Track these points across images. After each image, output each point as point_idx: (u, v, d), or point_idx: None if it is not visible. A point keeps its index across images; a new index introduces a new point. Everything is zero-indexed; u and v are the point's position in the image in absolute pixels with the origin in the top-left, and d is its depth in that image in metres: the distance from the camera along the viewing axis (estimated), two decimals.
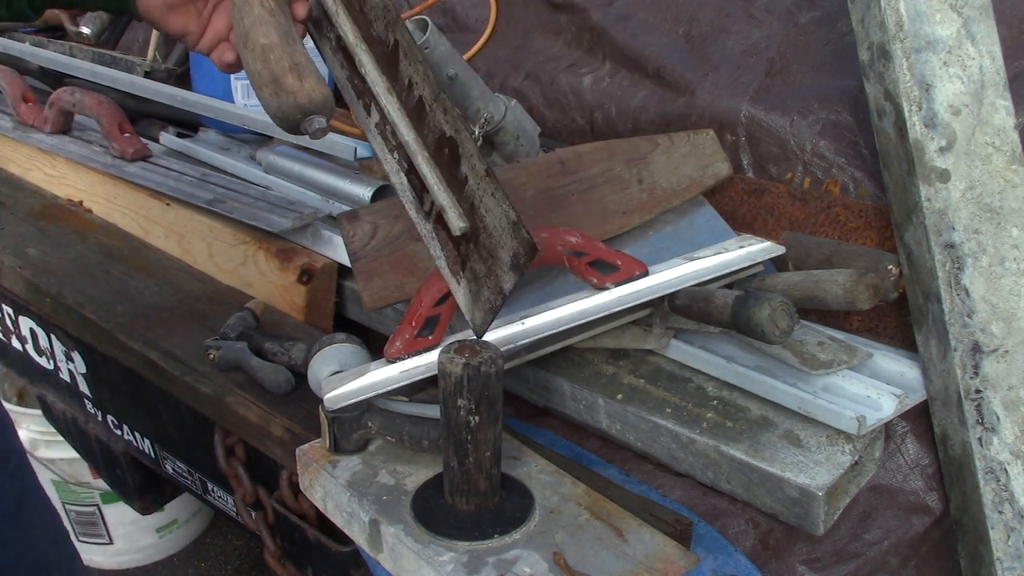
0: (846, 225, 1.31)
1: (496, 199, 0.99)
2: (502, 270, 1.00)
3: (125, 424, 1.71)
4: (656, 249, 1.37)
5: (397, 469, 1.07)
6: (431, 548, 0.94)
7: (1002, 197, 1.11)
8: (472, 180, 1.01)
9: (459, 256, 1.06)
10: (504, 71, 1.81)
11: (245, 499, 1.42)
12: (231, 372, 1.33)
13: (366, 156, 1.62)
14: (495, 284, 1.01)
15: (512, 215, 0.97)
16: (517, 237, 0.97)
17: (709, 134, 1.45)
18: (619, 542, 0.96)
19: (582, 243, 1.17)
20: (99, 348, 1.55)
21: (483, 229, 1.01)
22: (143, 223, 1.76)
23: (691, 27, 1.61)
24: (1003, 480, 1.09)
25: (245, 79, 1.92)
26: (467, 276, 1.06)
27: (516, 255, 0.98)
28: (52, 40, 2.31)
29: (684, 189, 1.43)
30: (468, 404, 0.91)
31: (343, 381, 1.08)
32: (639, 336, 1.26)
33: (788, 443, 1.11)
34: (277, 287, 1.53)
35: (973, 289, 1.10)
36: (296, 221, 1.54)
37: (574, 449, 1.26)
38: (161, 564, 2.62)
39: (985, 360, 1.09)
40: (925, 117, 1.11)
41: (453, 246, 1.06)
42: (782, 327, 1.06)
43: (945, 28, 1.11)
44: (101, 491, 2.39)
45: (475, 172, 1.01)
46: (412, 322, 1.09)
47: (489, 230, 1.00)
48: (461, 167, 1.02)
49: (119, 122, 1.86)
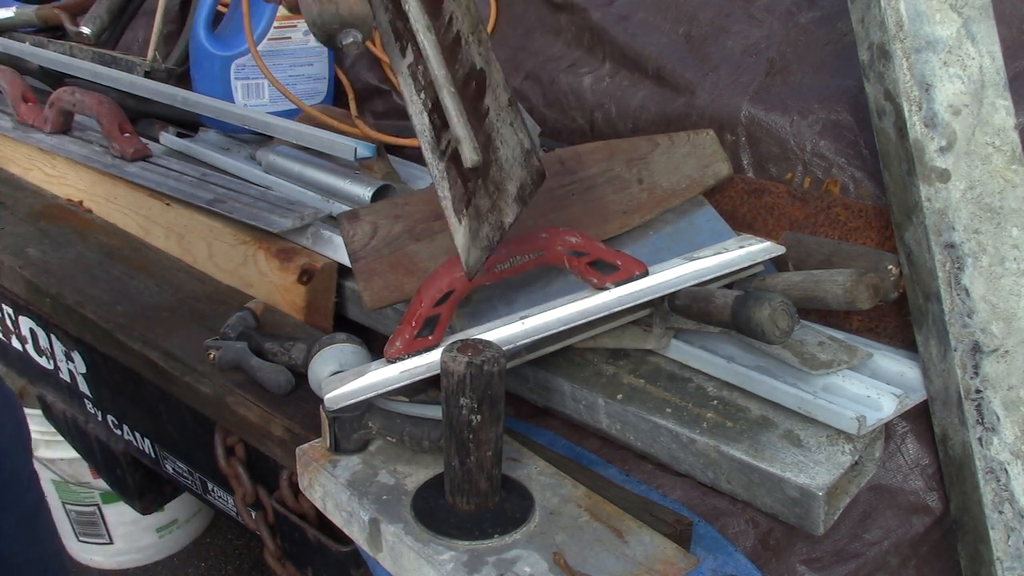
0: (846, 225, 1.31)
1: (513, 128, 0.98)
2: (506, 202, 0.99)
3: (125, 424, 1.71)
4: (656, 249, 1.37)
5: (397, 469, 1.07)
6: (431, 547, 0.94)
7: (1002, 197, 1.11)
8: (493, 111, 1.00)
9: (465, 193, 1.05)
10: (504, 71, 1.81)
11: (245, 499, 1.42)
12: (231, 372, 1.33)
13: (366, 156, 1.62)
14: (496, 219, 1.00)
15: (526, 143, 0.96)
16: (527, 167, 0.96)
17: (709, 134, 1.45)
18: (619, 543, 0.96)
19: (582, 243, 1.17)
20: (99, 348, 1.55)
21: (495, 162, 1.00)
22: (143, 223, 1.76)
23: (691, 27, 1.61)
24: (1003, 480, 1.09)
25: (245, 79, 1.93)
26: (470, 214, 1.05)
27: (523, 186, 0.96)
28: (52, 40, 2.31)
29: (684, 189, 1.43)
30: (470, 403, 0.91)
31: (343, 381, 1.08)
32: (639, 336, 1.26)
33: (788, 443, 1.11)
34: (277, 287, 1.53)
35: (973, 289, 1.10)
36: (296, 221, 1.54)
37: (574, 449, 1.26)
38: (161, 564, 2.62)
39: (985, 360, 1.09)
40: (925, 117, 1.11)
41: (462, 183, 1.06)
42: (782, 327, 1.06)
43: (945, 28, 1.11)
44: (101, 491, 2.39)
45: (497, 102, 1.00)
46: (412, 322, 1.09)
47: (500, 162, 1.00)
48: (485, 99, 1.01)
49: (119, 122, 1.86)
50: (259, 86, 1.93)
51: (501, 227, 1.00)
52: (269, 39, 1.90)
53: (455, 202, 1.07)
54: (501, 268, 1.13)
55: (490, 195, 1.01)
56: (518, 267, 1.14)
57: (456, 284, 1.10)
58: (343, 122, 1.75)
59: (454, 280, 1.10)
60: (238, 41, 1.90)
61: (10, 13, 2.40)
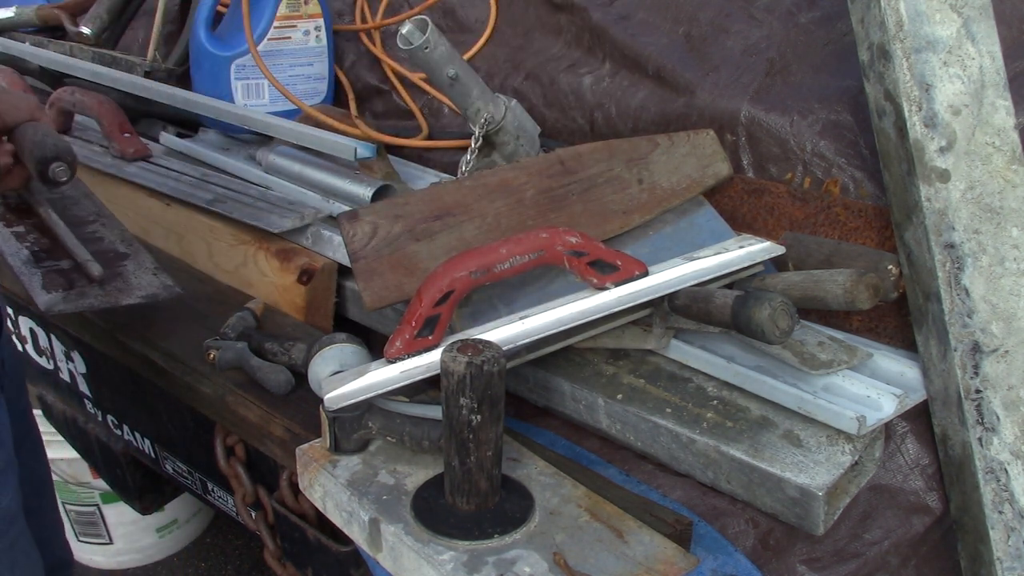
0: (846, 225, 1.31)
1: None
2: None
3: (125, 424, 1.71)
4: (656, 249, 1.37)
5: (397, 469, 1.07)
6: (431, 547, 0.94)
7: (1002, 197, 1.11)
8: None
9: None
10: (504, 71, 1.81)
11: (245, 499, 1.42)
12: (231, 372, 1.33)
13: (366, 156, 1.62)
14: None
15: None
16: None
17: (709, 134, 1.45)
18: (619, 543, 0.96)
19: (582, 243, 1.17)
20: (99, 348, 1.55)
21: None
22: (143, 223, 1.76)
23: (691, 27, 1.61)
24: (1003, 480, 1.09)
25: (245, 79, 1.92)
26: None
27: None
28: (52, 40, 2.31)
29: (684, 189, 1.43)
30: (470, 403, 0.91)
31: (343, 381, 1.08)
32: (639, 336, 1.26)
33: (788, 443, 1.11)
34: (277, 287, 1.53)
35: (973, 289, 1.10)
36: (296, 221, 1.54)
37: (574, 449, 1.26)
38: (161, 564, 2.62)
39: (985, 360, 1.09)
40: (925, 117, 1.11)
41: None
42: (782, 327, 1.06)
43: (945, 28, 1.11)
44: (101, 491, 2.39)
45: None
46: (412, 322, 1.09)
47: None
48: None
49: (119, 122, 1.86)
50: (259, 86, 1.93)
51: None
52: (269, 39, 1.90)
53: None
54: (501, 268, 1.13)
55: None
56: (518, 267, 1.14)
57: (456, 284, 1.10)
58: (343, 122, 1.75)
59: (454, 280, 1.10)
60: (238, 41, 1.90)
61: (10, 13, 2.40)
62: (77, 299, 1.34)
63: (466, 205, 1.33)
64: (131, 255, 1.48)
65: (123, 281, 1.41)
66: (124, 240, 1.51)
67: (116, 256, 1.46)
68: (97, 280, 1.38)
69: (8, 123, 1.33)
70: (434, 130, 1.88)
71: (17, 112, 1.33)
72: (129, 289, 1.40)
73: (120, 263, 1.45)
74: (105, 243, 1.49)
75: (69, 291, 1.35)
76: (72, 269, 1.40)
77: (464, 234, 1.31)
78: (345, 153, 1.63)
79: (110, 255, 1.45)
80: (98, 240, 1.49)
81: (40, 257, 1.41)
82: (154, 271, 1.45)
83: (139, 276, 1.43)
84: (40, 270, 1.38)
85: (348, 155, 1.62)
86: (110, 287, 1.39)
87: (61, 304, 1.33)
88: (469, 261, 1.11)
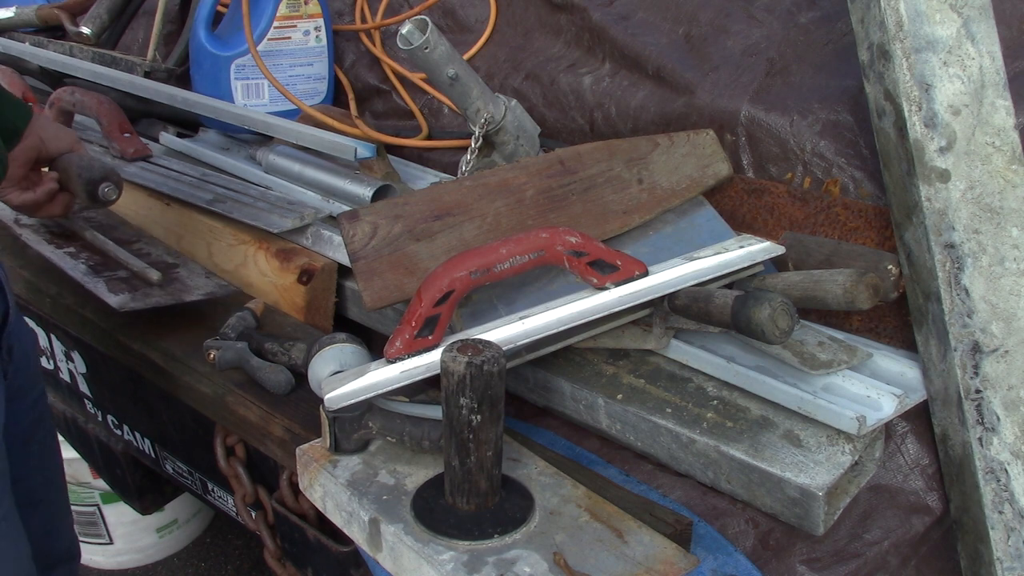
0: (846, 225, 1.31)
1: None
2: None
3: (125, 424, 1.71)
4: (656, 249, 1.37)
5: (397, 469, 1.07)
6: (431, 547, 0.94)
7: (1002, 197, 1.11)
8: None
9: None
10: (504, 71, 1.81)
11: (245, 499, 1.43)
12: (231, 372, 1.33)
13: (366, 156, 1.62)
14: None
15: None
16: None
17: (709, 134, 1.45)
18: (619, 543, 0.96)
19: (582, 243, 1.17)
20: (99, 348, 1.55)
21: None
22: (143, 223, 1.76)
23: (691, 27, 1.61)
24: (1003, 480, 1.09)
25: (245, 79, 1.93)
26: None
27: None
28: (52, 40, 2.31)
29: (684, 189, 1.43)
30: (470, 403, 0.91)
31: (343, 381, 1.08)
32: (639, 336, 1.26)
33: (788, 443, 1.11)
34: (277, 287, 1.53)
35: (973, 289, 1.10)
36: (296, 221, 1.54)
37: (574, 449, 1.26)
38: (161, 564, 2.62)
39: (985, 360, 1.09)
40: (925, 117, 1.11)
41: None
42: (782, 327, 1.06)
43: (945, 28, 1.11)
44: (101, 491, 2.39)
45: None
46: (412, 322, 1.09)
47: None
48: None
49: (119, 122, 1.86)
50: (259, 86, 1.93)
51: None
52: (269, 39, 1.90)
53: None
54: (501, 268, 1.13)
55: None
56: (518, 267, 1.14)
57: (456, 284, 1.10)
58: (343, 122, 1.75)
59: (454, 280, 1.10)
60: (238, 41, 1.90)
61: (10, 13, 2.40)
62: (144, 298, 1.43)
63: (466, 205, 1.33)
64: (180, 264, 1.57)
65: (180, 283, 1.51)
66: (170, 253, 1.61)
67: (167, 265, 1.57)
68: (157, 283, 1.47)
69: (52, 153, 1.43)
70: (434, 130, 1.89)
71: (59, 143, 1.43)
72: (188, 289, 1.49)
73: (173, 270, 1.55)
74: (153, 256, 1.60)
75: (135, 292, 1.44)
76: (131, 277, 1.50)
77: (464, 234, 1.31)
78: (345, 153, 1.63)
79: (161, 265, 1.55)
80: (146, 255, 1.59)
81: (98, 270, 1.51)
82: (206, 274, 1.55)
83: (193, 279, 1.53)
84: (102, 278, 1.48)
85: (348, 155, 1.62)
86: (170, 288, 1.48)
87: (131, 302, 1.41)
88: (469, 261, 1.11)
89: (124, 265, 1.53)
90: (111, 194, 1.47)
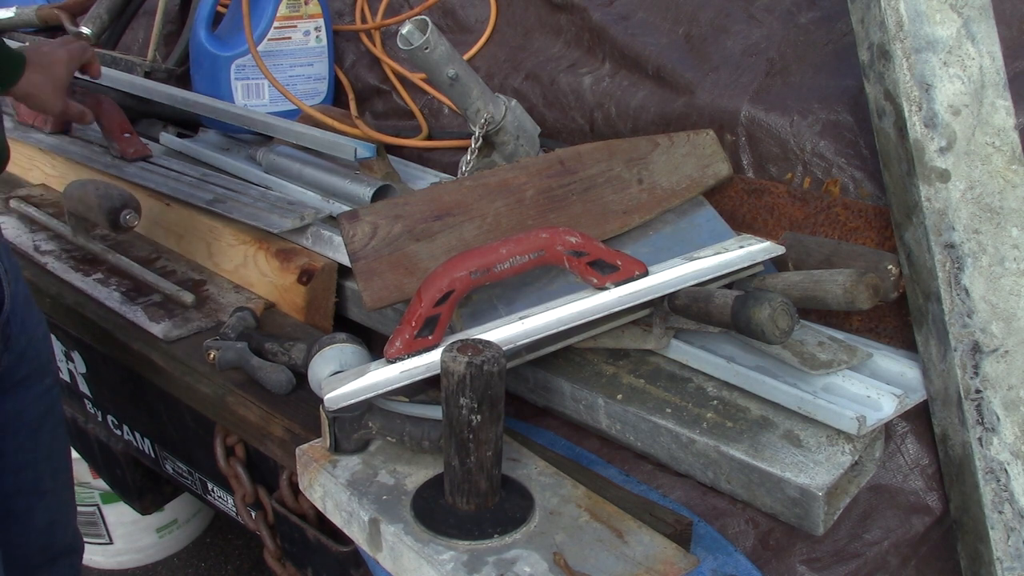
0: (846, 225, 1.31)
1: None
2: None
3: (125, 424, 1.71)
4: (656, 249, 1.37)
5: (397, 469, 1.07)
6: (431, 547, 0.94)
7: (1002, 197, 1.11)
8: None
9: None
10: (504, 71, 1.81)
11: (245, 499, 1.42)
12: (231, 372, 1.33)
13: (366, 156, 1.62)
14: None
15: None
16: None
17: (709, 134, 1.45)
18: (619, 543, 0.96)
19: (582, 243, 1.17)
20: (99, 348, 1.55)
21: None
22: (143, 223, 1.75)
23: (691, 27, 1.61)
24: (1003, 480, 1.09)
25: (245, 79, 1.93)
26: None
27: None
28: (52, 40, 2.30)
29: (684, 189, 1.43)
30: (470, 403, 0.91)
31: (343, 381, 1.08)
32: (639, 336, 1.26)
33: (788, 443, 1.11)
34: (277, 287, 1.53)
35: (973, 289, 1.10)
36: (296, 221, 1.54)
37: (574, 449, 1.26)
38: (161, 564, 2.62)
39: (985, 360, 1.09)
40: (925, 117, 1.11)
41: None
42: (782, 327, 1.06)
43: (945, 28, 1.11)
44: (101, 491, 2.39)
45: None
46: (412, 322, 1.09)
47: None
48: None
49: (119, 122, 1.86)
50: (259, 86, 1.93)
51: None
52: (269, 39, 1.90)
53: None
54: (501, 268, 1.13)
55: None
56: (518, 267, 1.14)
57: (456, 284, 1.10)
58: (343, 122, 1.75)
59: (454, 280, 1.10)
60: (238, 41, 1.90)
61: (10, 13, 2.40)
62: (185, 323, 1.46)
63: (466, 205, 1.33)
64: (207, 280, 1.60)
65: (213, 302, 1.54)
66: (193, 268, 1.64)
67: (195, 283, 1.60)
68: (192, 306, 1.50)
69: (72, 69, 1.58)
70: (434, 130, 1.89)
71: (71, 61, 1.58)
72: (222, 307, 1.52)
73: (202, 288, 1.58)
74: (179, 274, 1.62)
75: (175, 318, 1.47)
76: (164, 301, 1.53)
77: (464, 234, 1.31)
78: (345, 153, 1.63)
79: (189, 284, 1.58)
80: (171, 273, 1.62)
81: (132, 296, 1.54)
82: (235, 289, 1.58)
83: (224, 295, 1.56)
84: (139, 305, 1.51)
85: (348, 155, 1.62)
86: (205, 308, 1.51)
87: (174, 331, 1.44)
88: (469, 261, 1.11)
89: (155, 288, 1.56)
90: (132, 220, 1.53)
